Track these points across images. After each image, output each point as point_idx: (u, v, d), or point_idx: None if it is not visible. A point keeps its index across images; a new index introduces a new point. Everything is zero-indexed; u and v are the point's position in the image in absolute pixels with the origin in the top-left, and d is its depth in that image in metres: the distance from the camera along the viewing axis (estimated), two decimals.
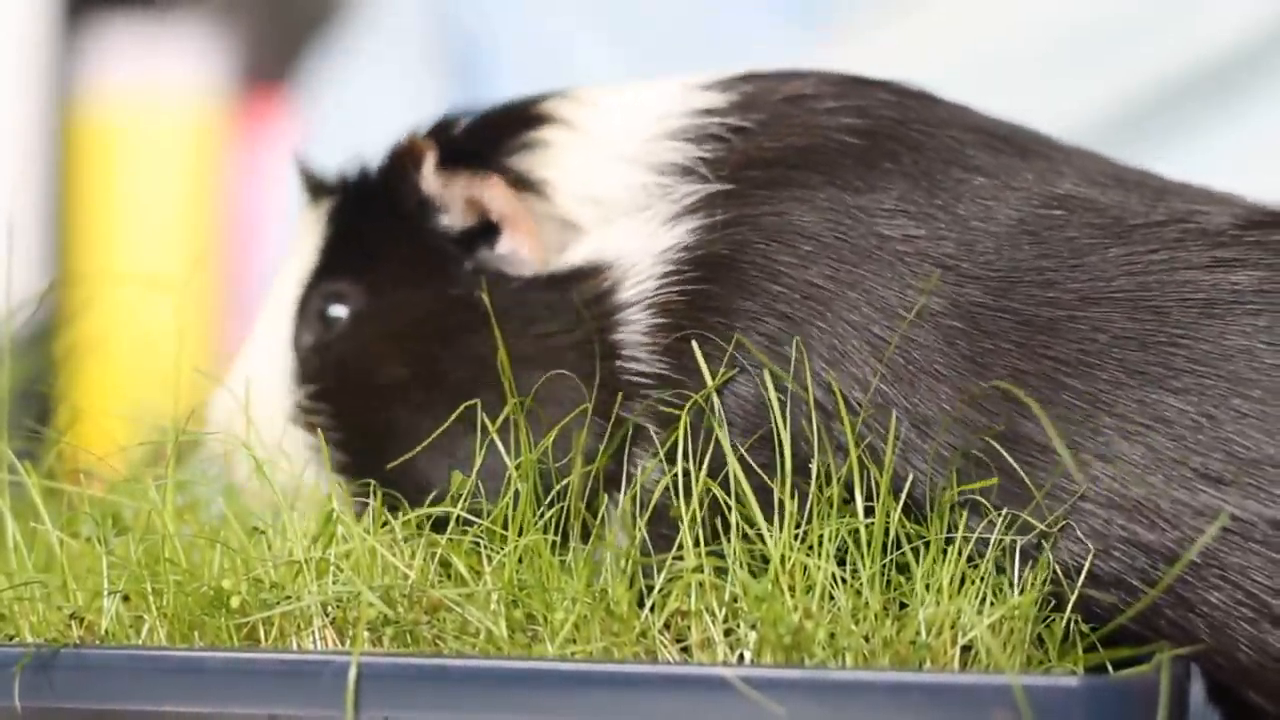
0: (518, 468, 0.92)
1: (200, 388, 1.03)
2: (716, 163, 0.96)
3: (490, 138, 1.00)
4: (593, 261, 0.96)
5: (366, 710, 0.84)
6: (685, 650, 0.87)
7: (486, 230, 0.99)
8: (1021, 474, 0.88)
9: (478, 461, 0.92)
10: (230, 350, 1.06)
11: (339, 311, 1.01)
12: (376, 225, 1.01)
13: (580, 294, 0.96)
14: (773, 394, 0.90)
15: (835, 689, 0.81)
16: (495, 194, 0.98)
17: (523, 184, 0.98)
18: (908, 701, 0.81)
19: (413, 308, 0.99)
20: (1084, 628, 0.88)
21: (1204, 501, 0.87)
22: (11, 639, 0.92)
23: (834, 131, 0.95)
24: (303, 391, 1.01)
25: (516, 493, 0.91)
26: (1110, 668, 0.86)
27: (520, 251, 0.98)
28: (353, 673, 0.84)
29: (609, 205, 0.97)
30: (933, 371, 0.90)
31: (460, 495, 0.93)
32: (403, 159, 1.00)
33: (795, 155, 0.95)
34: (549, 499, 0.91)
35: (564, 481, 0.92)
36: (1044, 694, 0.79)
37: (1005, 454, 0.88)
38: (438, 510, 0.92)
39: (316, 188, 1.05)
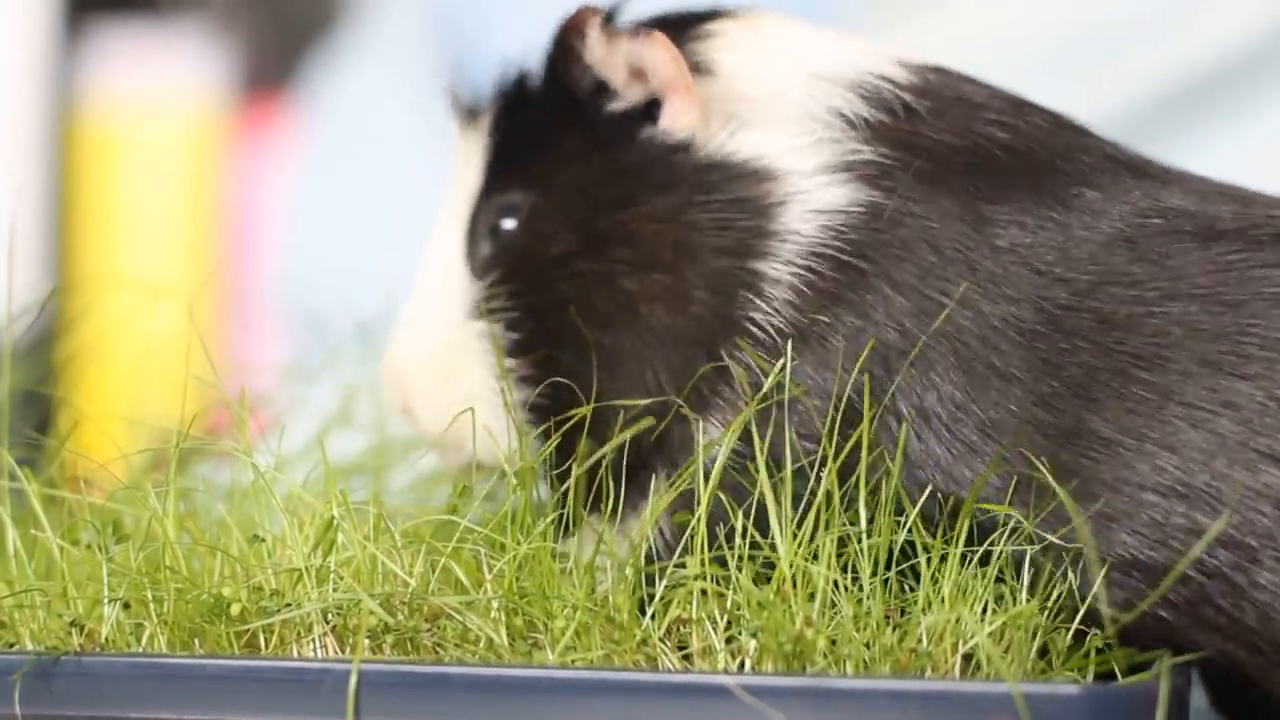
0: (517, 474, 0.92)
1: (200, 394, 1.03)
2: (880, 130, 0.96)
3: (665, 24, 0.99)
4: (762, 161, 0.96)
5: (367, 717, 0.84)
6: (686, 658, 0.87)
7: (651, 110, 0.98)
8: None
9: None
10: (230, 355, 1.06)
11: (510, 224, 1.00)
12: (543, 120, 1.00)
13: (742, 190, 0.96)
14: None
15: (836, 697, 0.81)
16: (657, 52, 0.97)
17: (691, 65, 0.98)
18: (908, 709, 0.81)
19: (580, 181, 0.98)
20: (1099, 640, 0.88)
21: (1266, 482, 0.88)
22: (12, 647, 0.92)
23: (984, 140, 0.96)
24: (480, 285, 1.00)
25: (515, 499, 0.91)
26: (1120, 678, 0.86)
27: (681, 119, 0.97)
28: (353, 680, 0.84)
29: (774, 104, 0.97)
30: (1007, 374, 0.91)
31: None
32: (567, 31, 0.99)
33: (947, 153, 0.95)
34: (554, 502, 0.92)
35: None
36: (1044, 702, 0.80)
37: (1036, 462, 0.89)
38: (444, 518, 0.92)
39: (470, 111, 1.04)
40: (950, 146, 0.96)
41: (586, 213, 0.97)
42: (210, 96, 2.73)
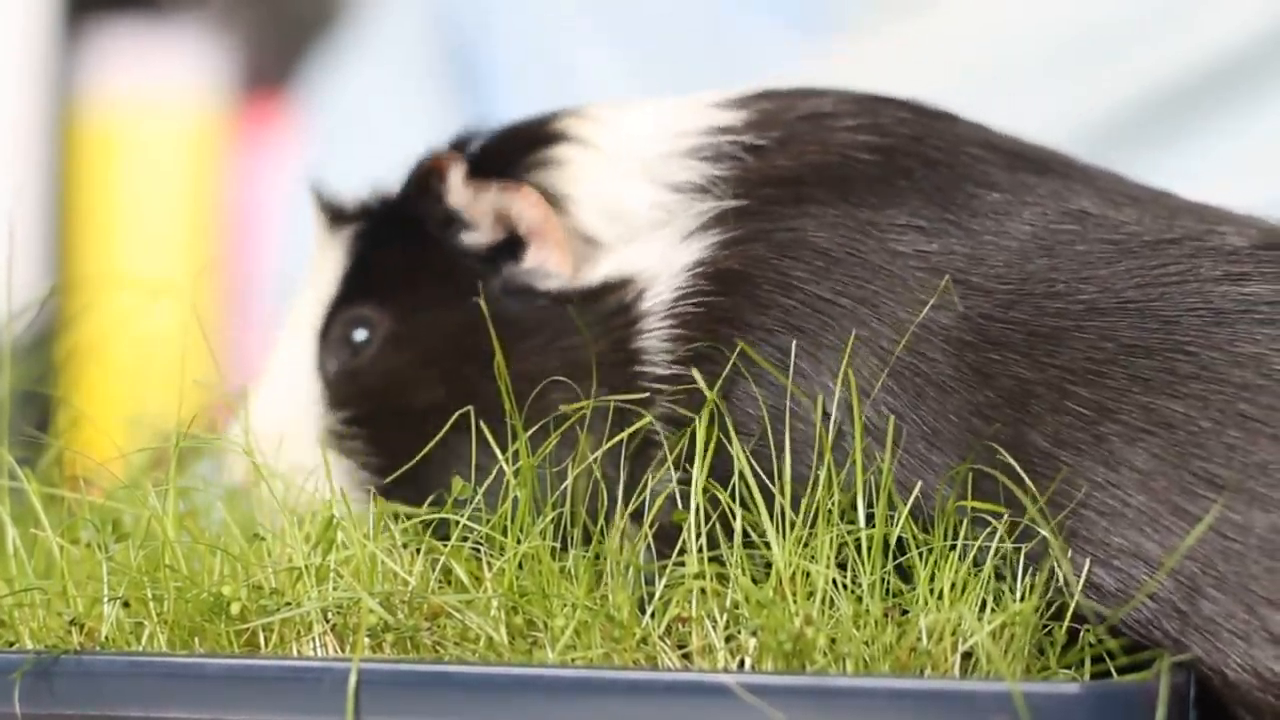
0: (516, 474, 0.92)
1: (200, 392, 1.03)
2: (732, 180, 0.96)
3: (508, 155, 1.00)
4: (617, 276, 0.97)
5: (367, 716, 0.84)
6: (686, 657, 0.87)
7: (511, 246, 0.99)
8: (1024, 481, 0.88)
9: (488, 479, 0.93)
10: (230, 354, 1.06)
11: (362, 335, 1.01)
12: (400, 248, 1.01)
13: (605, 307, 0.96)
14: (762, 404, 0.91)
15: (835, 695, 0.81)
16: (528, 205, 0.98)
17: (546, 199, 0.98)
18: (907, 708, 0.81)
19: (444, 328, 0.99)
20: (1093, 639, 0.87)
21: (1203, 506, 0.86)
22: (12, 645, 0.92)
23: (850, 149, 0.95)
24: (336, 417, 1.01)
25: (515, 499, 0.91)
26: (1115, 676, 0.86)
27: (548, 264, 0.98)
28: (353, 679, 0.84)
29: (629, 221, 0.98)
30: (940, 383, 0.90)
31: (459, 501, 0.93)
32: (427, 174, 1.00)
33: (811, 172, 0.95)
34: (550, 504, 0.92)
35: (562, 487, 0.92)
36: (1044, 701, 0.79)
37: (1011, 461, 0.88)
38: (439, 515, 0.92)
39: (335, 215, 1.04)
40: (813, 165, 0.95)
41: (456, 364, 0.98)
42: (210, 95, 2.74)
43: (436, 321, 0.99)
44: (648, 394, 0.94)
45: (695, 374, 0.91)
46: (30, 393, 1.08)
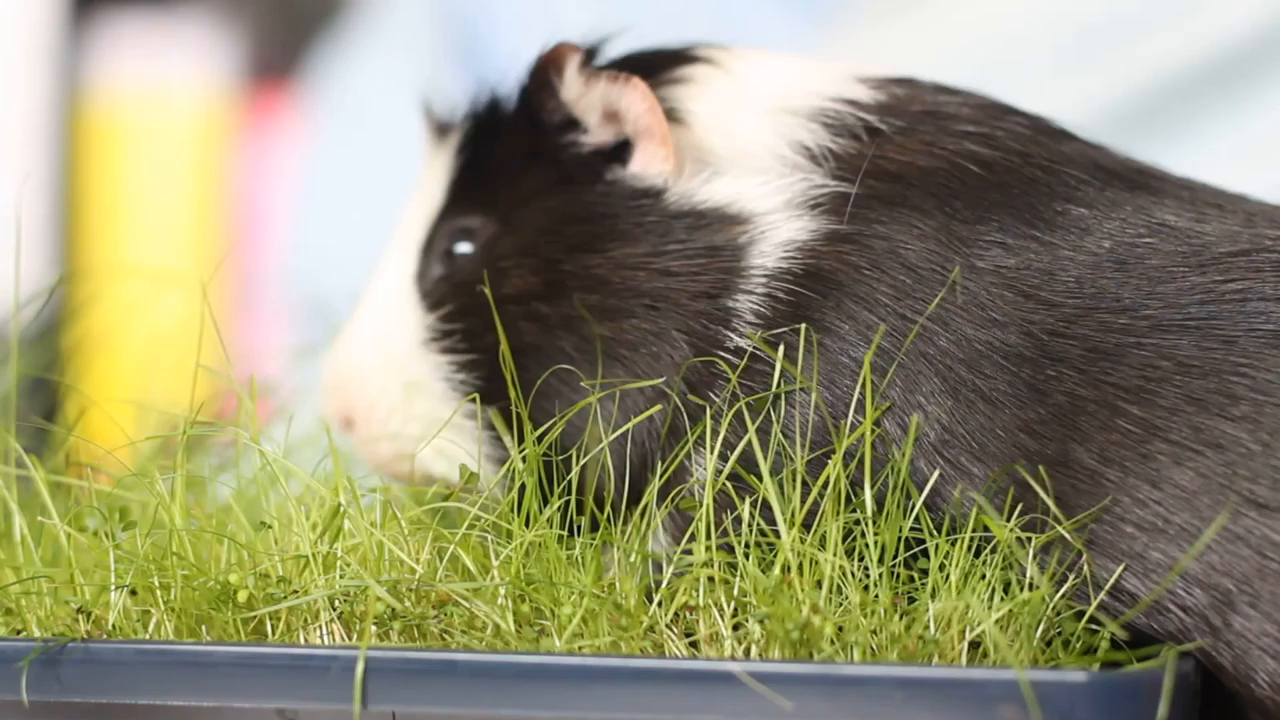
0: (523, 460, 0.92)
1: (207, 381, 1.03)
2: (844, 159, 0.96)
3: (639, 64, 1.00)
4: (734, 206, 0.96)
5: (374, 704, 0.84)
6: (693, 645, 0.87)
7: (619, 151, 0.99)
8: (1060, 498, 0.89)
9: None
10: (237, 343, 1.06)
11: (465, 249, 1.00)
12: (511, 148, 1.01)
13: (716, 236, 0.96)
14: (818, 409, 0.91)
15: (842, 684, 0.81)
16: (636, 98, 0.97)
17: (665, 111, 0.98)
18: (915, 696, 0.81)
19: (542, 218, 0.98)
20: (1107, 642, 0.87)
21: (1246, 526, 0.87)
22: (19, 633, 0.92)
23: (958, 156, 0.95)
24: (434, 316, 1.00)
25: (523, 486, 0.91)
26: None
27: (653, 166, 0.98)
28: (360, 667, 0.84)
29: (743, 155, 0.97)
30: (992, 399, 0.91)
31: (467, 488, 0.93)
32: (546, 64, 0.99)
33: (917, 174, 0.95)
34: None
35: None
36: (1051, 689, 0.80)
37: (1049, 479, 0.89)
38: (446, 505, 0.92)
39: (442, 126, 1.04)
40: (920, 167, 0.95)
41: (550, 253, 0.97)
42: (216, 85, 2.74)
43: (536, 213, 0.99)
44: (718, 366, 0.93)
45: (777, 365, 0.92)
46: (38, 381, 1.08)
